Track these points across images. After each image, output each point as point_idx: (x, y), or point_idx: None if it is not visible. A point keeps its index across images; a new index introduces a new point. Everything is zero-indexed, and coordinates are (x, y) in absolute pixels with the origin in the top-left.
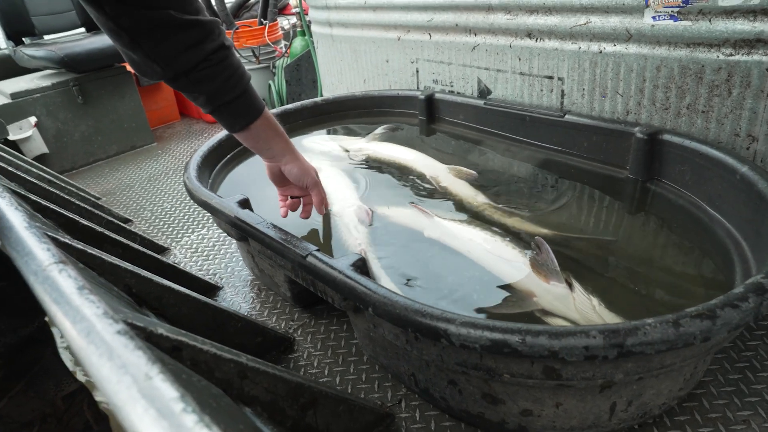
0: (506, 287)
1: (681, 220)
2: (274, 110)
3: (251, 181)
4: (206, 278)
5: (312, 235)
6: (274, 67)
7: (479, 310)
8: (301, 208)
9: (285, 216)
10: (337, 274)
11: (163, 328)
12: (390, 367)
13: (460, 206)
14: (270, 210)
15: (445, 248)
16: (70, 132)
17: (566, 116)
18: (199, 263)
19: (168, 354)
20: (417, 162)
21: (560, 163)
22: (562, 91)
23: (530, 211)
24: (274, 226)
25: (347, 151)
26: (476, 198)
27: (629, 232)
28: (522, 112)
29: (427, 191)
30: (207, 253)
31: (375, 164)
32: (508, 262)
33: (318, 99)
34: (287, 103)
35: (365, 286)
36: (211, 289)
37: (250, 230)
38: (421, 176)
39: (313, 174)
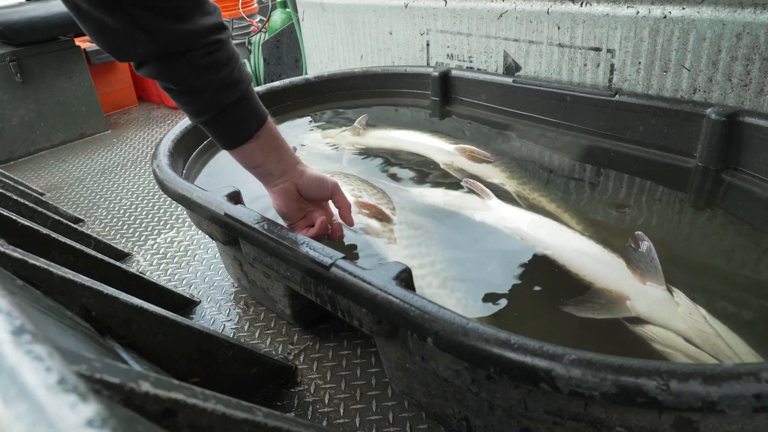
0: (588, 287)
1: (765, 215)
2: (257, 88)
3: (235, 173)
4: (179, 290)
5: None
6: (249, 44)
7: (554, 316)
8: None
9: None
10: (377, 290)
11: (148, 382)
12: (430, 407)
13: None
14: (266, 209)
15: (503, 237)
16: (7, 116)
17: (617, 95)
18: (168, 272)
19: (158, 422)
20: (423, 146)
21: (609, 150)
22: (612, 65)
23: (568, 205)
24: (280, 227)
25: (335, 146)
26: (504, 185)
27: (701, 230)
28: (561, 90)
29: (444, 180)
30: (178, 260)
31: (375, 156)
32: (589, 255)
33: (310, 76)
34: (265, 82)
35: (421, 308)
36: (186, 305)
37: (248, 232)
38: (432, 164)
39: (329, 178)
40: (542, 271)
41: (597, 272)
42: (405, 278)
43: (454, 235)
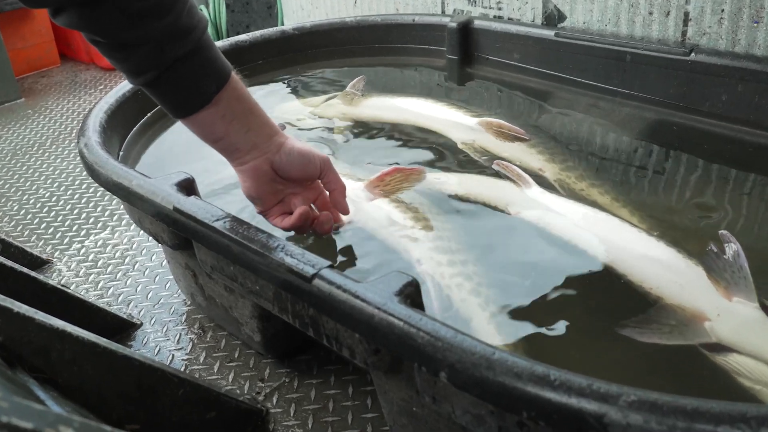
0: (654, 302)
1: None
2: (218, 43)
3: (191, 152)
4: (113, 309)
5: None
6: None
7: (610, 341)
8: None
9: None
10: (374, 309)
11: (71, 428)
12: None
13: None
14: (231, 202)
15: (547, 237)
16: None
17: (693, 54)
18: (100, 285)
19: None
20: (436, 120)
21: (681, 126)
22: (686, 14)
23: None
24: (247, 225)
25: (320, 119)
26: (543, 171)
27: None
28: (619, 47)
29: (464, 164)
30: (113, 269)
31: (372, 132)
32: (658, 262)
33: (287, 27)
34: (227, 35)
35: (431, 332)
36: (124, 329)
37: (204, 232)
38: (448, 142)
39: (319, 152)
40: (596, 281)
41: (667, 284)
42: (411, 293)
43: (484, 234)
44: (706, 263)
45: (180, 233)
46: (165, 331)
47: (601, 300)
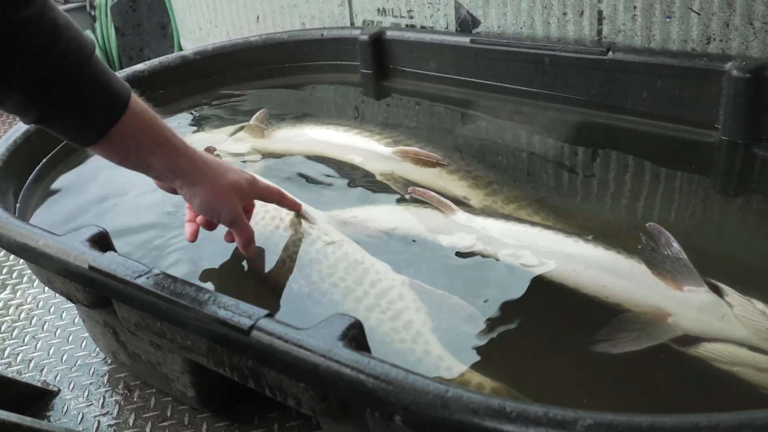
0: (614, 308)
1: None
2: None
3: (99, 197)
4: (25, 378)
5: (236, 283)
6: (92, 7)
7: (581, 357)
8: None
9: (192, 240)
10: (319, 357)
11: None
12: None
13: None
14: (145, 249)
15: (487, 263)
16: None
17: (610, 52)
18: (7, 351)
19: None
20: (350, 150)
21: (605, 126)
22: (600, 12)
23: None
24: (172, 278)
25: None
26: (468, 199)
27: (735, 220)
28: (537, 50)
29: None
30: (19, 333)
31: (284, 168)
32: (603, 268)
33: (188, 52)
34: (120, 64)
35: (381, 376)
36: (39, 398)
37: (127, 290)
38: (366, 174)
39: (230, 203)
40: (549, 298)
41: (619, 289)
42: (355, 336)
43: (419, 267)
44: (646, 260)
45: (98, 293)
46: (86, 396)
47: (560, 316)
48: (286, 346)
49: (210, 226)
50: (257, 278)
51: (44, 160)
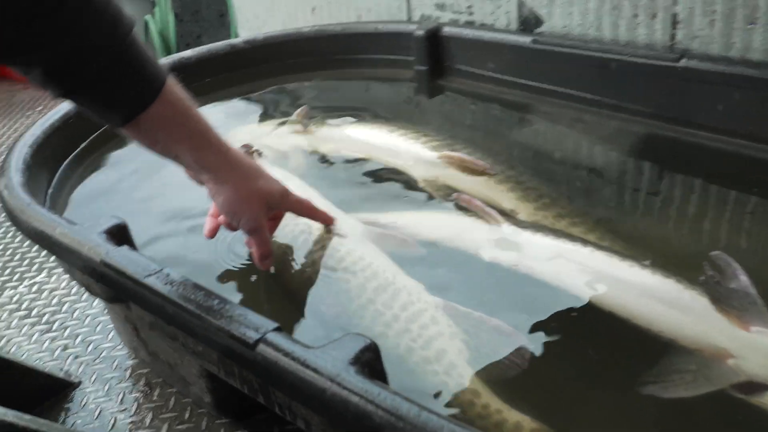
0: (668, 344)
1: None
2: (161, 61)
3: (136, 189)
4: (48, 368)
5: (259, 298)
6: None
7: (626, 398)
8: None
9: (210, 236)
10: (326, 381)
11: None
12: None
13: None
14: (170, 243)
15: (530, 282)
16: None
17: (683, 59)
18: (34, 338)
19: None
20: (394, 154)
21: (672, 141)
22: (674, 16)
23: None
24: (184, 281)
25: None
26: (516, 212)
27: None
28: (602, 54)
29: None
30: (48, 319)
31: (322, 170)
32: (661, 299)
33: (237, 41)
34: (178, 51)
35: (392, 410)
36: (59, 389)
37: (135, 290)
38: (409, 180)
39: (254, 210)
40: (597, 327)
41: (676, 323)
42: (369, 360)
43: (455, 284)
44: (709, 292)
45: (110, 289)
46: (107, 390)
47: (610, 349)
48: (292, 365)
49: (232, 227)
50: (283, 294)
51: (83, 144)
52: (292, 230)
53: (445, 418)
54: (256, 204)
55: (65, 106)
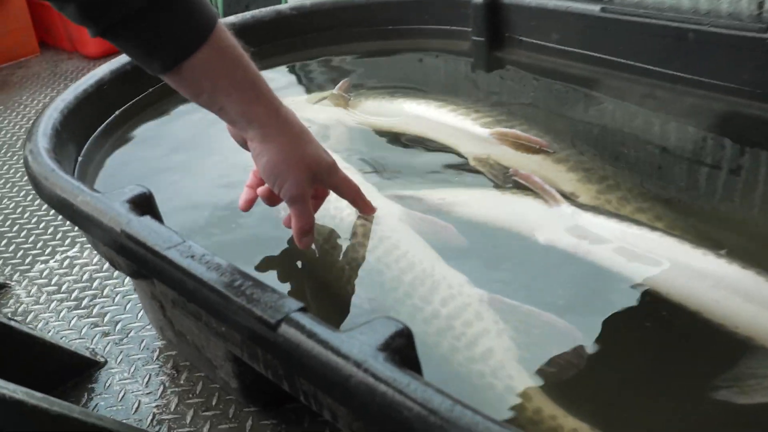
0: (741, 344)
1: None
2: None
3: (171, 162)
4: (74, 346)
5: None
6: None
7: (693, 403)
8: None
9: (245, 208)
10: (352, 367)
11: None
12: None
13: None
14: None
15: (591, 270)
16: None
17: None
18: (62, 314)
19: None
20: (442, 129)
21: (757, 120)
22: None
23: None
24: (207, 254)
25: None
26: (576, 194)
27: None
28: (680, 24)
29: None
30: (78, 295)
31: (367, 143)
32: (737, 291)
33: (284, 7)
34: (224, 16)
35: (424, 403)
36: (85, 369)
37: (155, 262)
38: (458, 158)
39: (299, 176)
40: (664, 322)
41: (754, 319)
42: (401, 347)
43: (505, 269)
44: None
45: (131, 262)
46: (132, 371)
47: (679, 348)
48: (315, 348)
49: (271, 200)
50: (314, 285)
51: (117, 112)
52: (324, 214)
53: (482, 413)
54: (303, 170)
55: (100, 72)
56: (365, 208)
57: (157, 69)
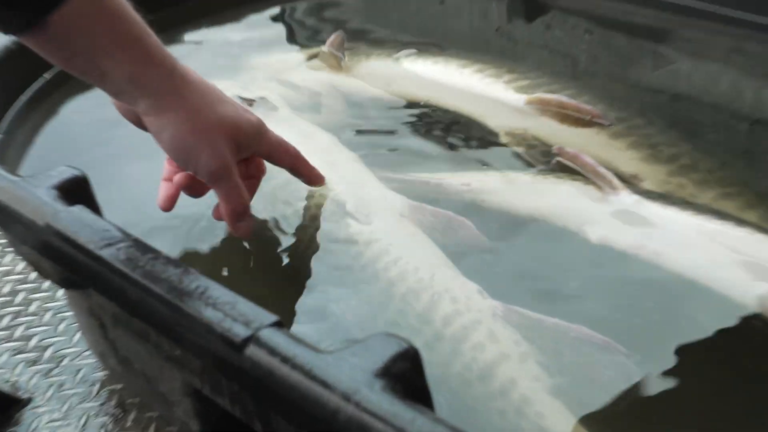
0: None
1: None
2: None
3: (112, 132)
4: None
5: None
6: None
7: None
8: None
9: (166, 208)
10: (339, 400)
11: None
12: None
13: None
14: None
15: (655, 272)
16: None
17: None
18: None
19: None
20: (465, 96)
21: None
22: None
23: None
24: (154, 254)
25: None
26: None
27: None
28: None
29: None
30: None
31: (366, 114)
32: None
33: None
34: None
35: None
36: (4, 406)
37: (89, 264)
38: (484, 131)
39: (216, 146)
40: (746, 340)
41: None
42: (404, 372)
43: (541, 276)
44: None
45: (59, 267)
46: (65, 411)
47: (762, 370)
48: (292, 375)
49: (194, 189)
50: (292, 293)
51: (46, 76)
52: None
53: None
54: (219, 137)
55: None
56: (310, 177)
57: (16, 26)
